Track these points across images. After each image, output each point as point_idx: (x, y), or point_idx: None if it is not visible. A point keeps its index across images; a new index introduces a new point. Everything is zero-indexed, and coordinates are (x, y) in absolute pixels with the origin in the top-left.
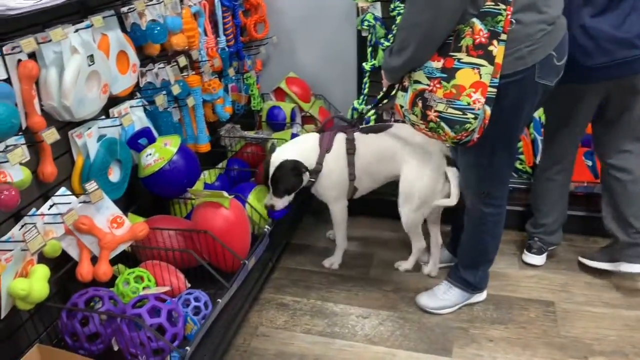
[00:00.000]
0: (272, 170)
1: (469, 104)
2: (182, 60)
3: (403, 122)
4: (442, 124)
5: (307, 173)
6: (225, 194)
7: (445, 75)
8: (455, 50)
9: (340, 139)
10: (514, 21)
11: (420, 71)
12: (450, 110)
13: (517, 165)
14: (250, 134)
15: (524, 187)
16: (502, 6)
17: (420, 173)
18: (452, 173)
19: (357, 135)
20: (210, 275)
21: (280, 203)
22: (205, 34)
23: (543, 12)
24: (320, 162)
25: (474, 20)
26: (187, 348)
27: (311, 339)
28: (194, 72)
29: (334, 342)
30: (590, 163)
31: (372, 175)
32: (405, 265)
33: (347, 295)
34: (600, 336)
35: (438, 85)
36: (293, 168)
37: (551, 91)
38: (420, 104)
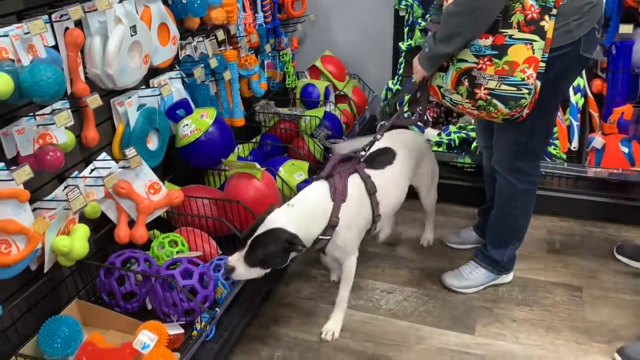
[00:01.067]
0: (260, 231)
1: (523, 80)
2: (220, 34)
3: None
4: (495, 101)
5: (299, 250)
6: (258, 165)
7: (496, 53)
8: (505, 27)
9: (355, 182)
10: None
11: (465, 49)
12: (503, 87)
13: (551, 150)
14: (285, 110)
15: (556, 173)
16: None
17: (434, 160)
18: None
19: (372, 172)
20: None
21: (245, 272)
22: (244, 10)
23: None
24: (336, 216)
25: None
26: (217, 310)
27: None
28: (231, 47)
29: (358, 314)
30: (626, 150)
31: (397, 205)
32: (428, 236)
33: (373, 271)
34: (627, 322)
35: (488, 63)
36: (286, 241)
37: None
38: (466, 83)
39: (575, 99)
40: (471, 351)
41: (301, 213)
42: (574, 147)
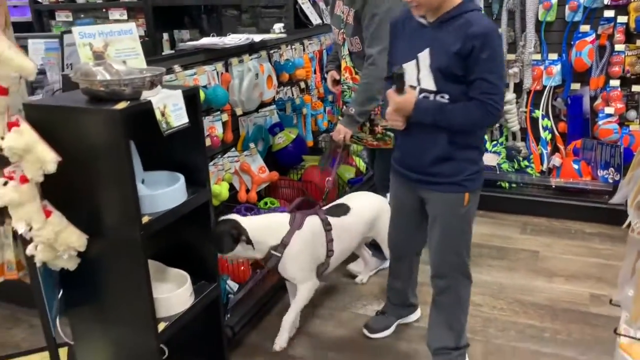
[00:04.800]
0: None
1: None
2: (302, 85)
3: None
4: (389, 133)
5: (245, 241)
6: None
7: (383, 103)
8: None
9: (313, 219)
10: None
11: None
12: None
13: (529, 170)
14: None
15: (532, 184)
16: None
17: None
18: None
19: (331, 219)
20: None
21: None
22: (315, 72)
23: None
24: (288, 239)
25: None
26: None
27: None
28: (307, 94)
29: None
30: (576, 167)
31: (349, 250)
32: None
33: None
34: (562, 269)
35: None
36: (231, 227)
37: None
38: (368, 124)
39: (544, 134)
40: None
41: (260, 222)
42: (545, 169)
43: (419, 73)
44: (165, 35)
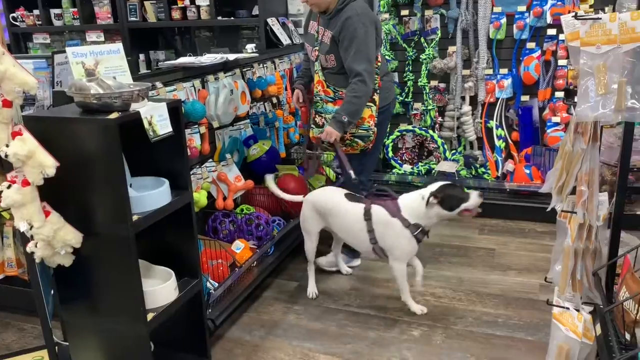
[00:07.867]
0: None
1: (369, 126)
2: (274, 100)
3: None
4: (356, 139)
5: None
6: (295, 167)
7: None
8: None
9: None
10: (381, 82)
11: None
12: (360, 131)
13: (485, 176)
14: (310, 151)
15: (488, 189)
16: (376, 77)
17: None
18: None
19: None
20: (284, 214)
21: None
22: (286, 89)
23: (389, 75)
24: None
25: None
26: (275, 234)
27: None
28: (279, 109)
29: None
30: (527, 172)
31: None
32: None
33: None
34: (519, 262)
35: None
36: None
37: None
38: None
39: (499, 143)
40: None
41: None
42: (499, 174)
43: None
44: (142, 56)
